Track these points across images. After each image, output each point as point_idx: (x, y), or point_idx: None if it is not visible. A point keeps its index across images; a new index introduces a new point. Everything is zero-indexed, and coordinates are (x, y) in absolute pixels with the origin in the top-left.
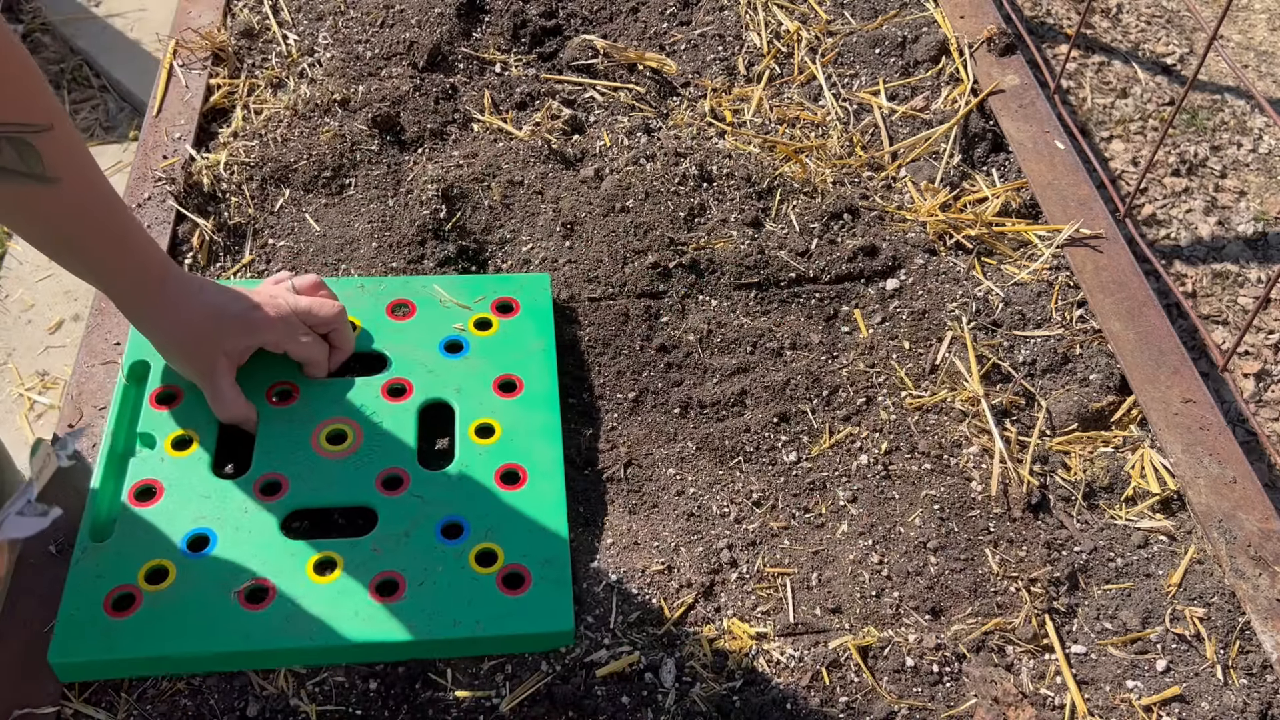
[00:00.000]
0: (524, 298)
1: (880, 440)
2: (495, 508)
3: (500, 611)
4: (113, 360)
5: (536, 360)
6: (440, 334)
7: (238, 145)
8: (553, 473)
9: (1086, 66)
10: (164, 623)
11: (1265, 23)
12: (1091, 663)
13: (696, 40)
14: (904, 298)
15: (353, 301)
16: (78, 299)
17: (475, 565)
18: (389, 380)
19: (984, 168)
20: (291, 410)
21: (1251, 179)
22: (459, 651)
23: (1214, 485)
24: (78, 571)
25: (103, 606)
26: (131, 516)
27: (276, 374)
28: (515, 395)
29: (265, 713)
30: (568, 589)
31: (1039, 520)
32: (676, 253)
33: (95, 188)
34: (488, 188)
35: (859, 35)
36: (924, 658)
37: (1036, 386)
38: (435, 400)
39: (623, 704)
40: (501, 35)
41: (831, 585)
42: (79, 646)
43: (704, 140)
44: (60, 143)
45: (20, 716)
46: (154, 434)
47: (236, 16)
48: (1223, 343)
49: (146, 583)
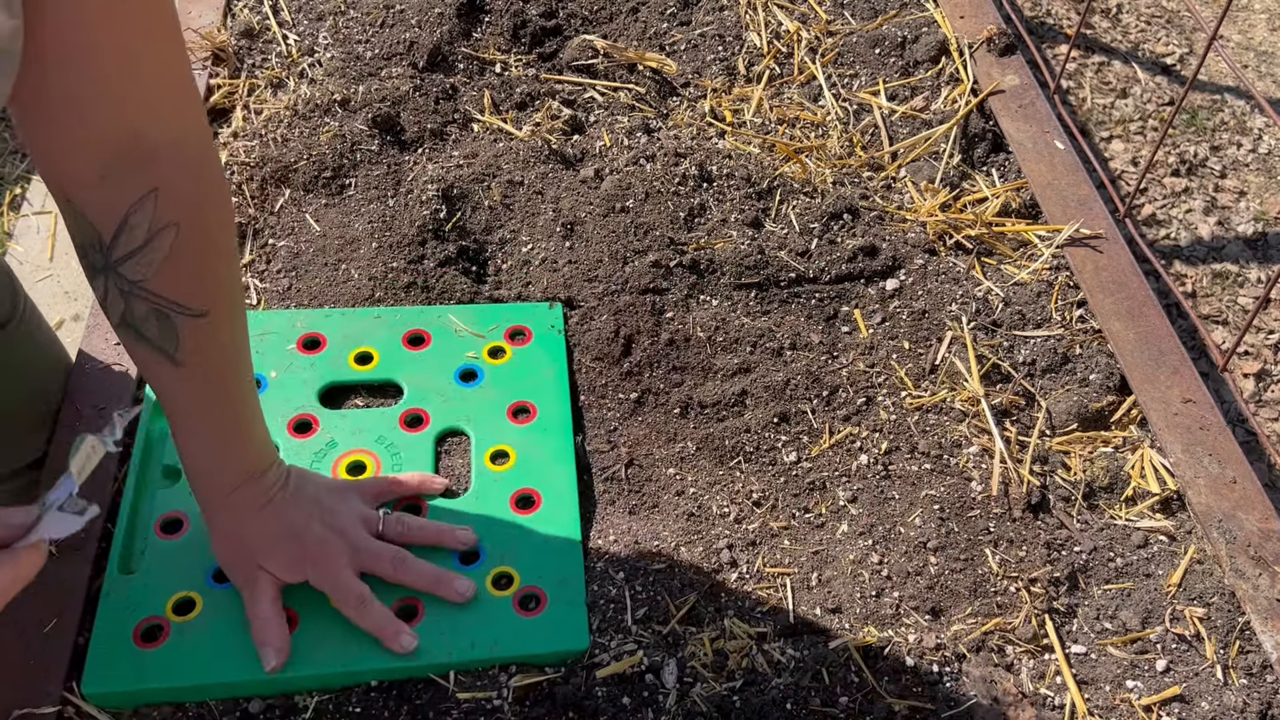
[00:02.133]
0: (536, 326)
1: (880, 440)
2: (511, 532)
3: (517, 632)
4: (113, 360)
5: (549, 386)
6: (455, 363)
7: (238, 145)
8: (567, 496)
9: (1086, 66)
10: (192, 653)
11: (1265, 23)
12: (1091, 663)
13: (696, 40)
14: (904, 298)
15: (369, 332)
16: (78, 299)
17: (492, 588)
18: (406, 410)
19: (984, 168)
20: (311, 442)
21: (1251, 179)
22: (476, 669)
23: (1214, 485)
24: (108, 603)
25: (132, 638)
26: (158, 548)
27: (296, 406)
28: (529, 421)
29: (266, 711)
30: (583, 608)
31: (1039, 520)
32: (676, 253)
33: (215, 385)
34: (488, 188)
35: (859, 35)
36: (924, 658)
37: (1036, 386)
38: (451, 429)
39: (624, 704)
40: (501, 35)
41: (831, 585)
42: (111, 677)
43: (704, 140)
44: (204, 333)
45: (20, 716)
46: (178, 466)
47: (236, 16)
48: (1223, 343)
49: (174, 614)
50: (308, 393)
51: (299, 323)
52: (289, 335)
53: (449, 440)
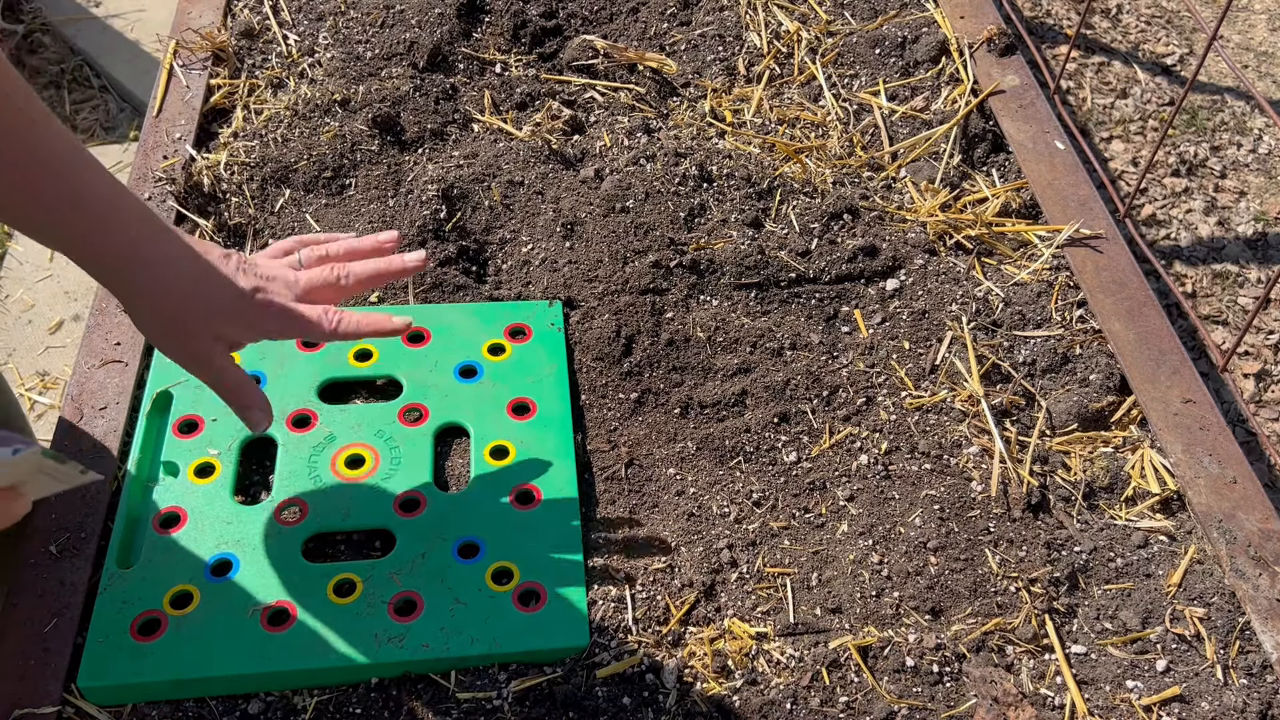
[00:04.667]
0: (536, 323)
1: (880, 440)
2: (510, 527)
3: (517, 628)
4: (113, 360)
5: (549, 383)
6: (455, 360)
7: (238, 145)
8: (566, 491)
9: (1086, 67)
10: (189, 646)
11: (1265, 23)
12: (1091, 663)
13: (696, 40)
14: (904, 298)
15: None
16: (78, 299)
17: (492, 584)
18: (406, 405)
19: (984, 168)
20: (309, 436)
21: (1251, 179)
22: (476, 665)
23: (1214, 485)
24: (105, 598)
25: (129, 631)
26: (156, 543)
27: (295, 402)
28: (529, 418)
29: (266, 711)
30: (583, 604)
31: (1039, 520)
32: (677, 253)
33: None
34: (488, 188)
35: (859, 35)
36: (924, 658)
37: (1036, 386)
38: (451, 424)
39: (624, 704)
40: (502, 35)
41: (831, 585)
42: (107, 670)
43: (704, 140)
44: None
45: (20, 716)
46: (177, 462)
47: (237, 17)
48: (1223, 343)
49: (172, 608)
50: (307, 389)
51: None
52: None
53: (448, 436)
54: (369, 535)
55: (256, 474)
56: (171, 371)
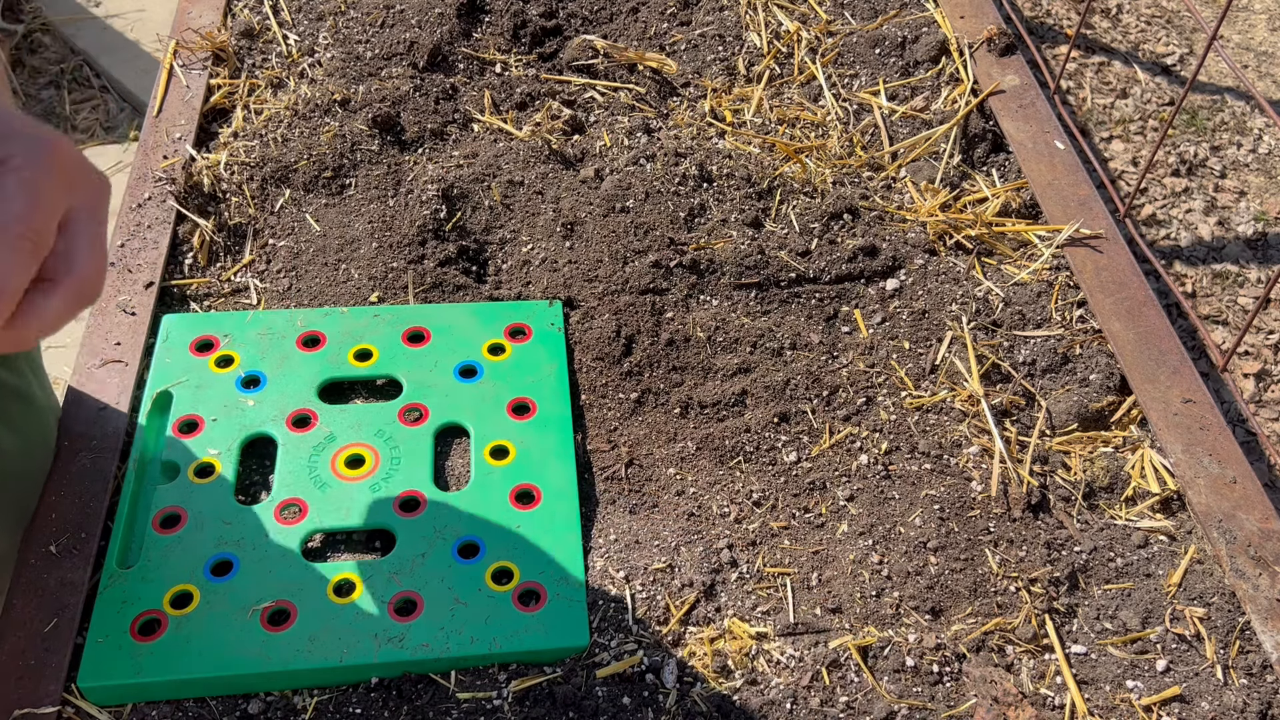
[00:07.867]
0: (536, 323)
1: (880, 440)
2: (510, 527)
3: (517, 628)
4: (113, 360)
5: (549, 383)
6: (455, 360)
7: (238, 145)
8: (566, 491)
9: (1086, 67)
10: (189, 646)
11: (1265, 23)
12: (1091, 663)
13: (696, 40)
14: (904, 298)
15: (369, 330)
16: None
17: (492, 584)
18: (406, 405)
19: (984, 168)
20: (310, 435)
21: (1251, 179)
22: (476, 665)
23: (1214, 485)
24: (105, 598)
25: (129, 631)
26: (156, 543)
27: (295, 401)
28: (529, 418)
29: (266, 711)
30: (583, 604)
31: (1039, 520)
32: (677, 253)
33: None
34: (488, 188)
35: (859, 35)
36: (924, 658)
37: (1036, 386)
38: (451, 424)
39: (624, 704)
40: (501, 35)
41: (831, 585)
42: (107, 670)
43: (704, 140)
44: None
45: (20, 716)
46: (177, 462)
47: (237, 16)
48: (1223, 343)
49: (172, 608)
50: (307, 389)
51: (299, 321)
52: (289, 333)
53: (448, 436)
54: (369, 535)
55: (256, 474)
56: (172, 371)
